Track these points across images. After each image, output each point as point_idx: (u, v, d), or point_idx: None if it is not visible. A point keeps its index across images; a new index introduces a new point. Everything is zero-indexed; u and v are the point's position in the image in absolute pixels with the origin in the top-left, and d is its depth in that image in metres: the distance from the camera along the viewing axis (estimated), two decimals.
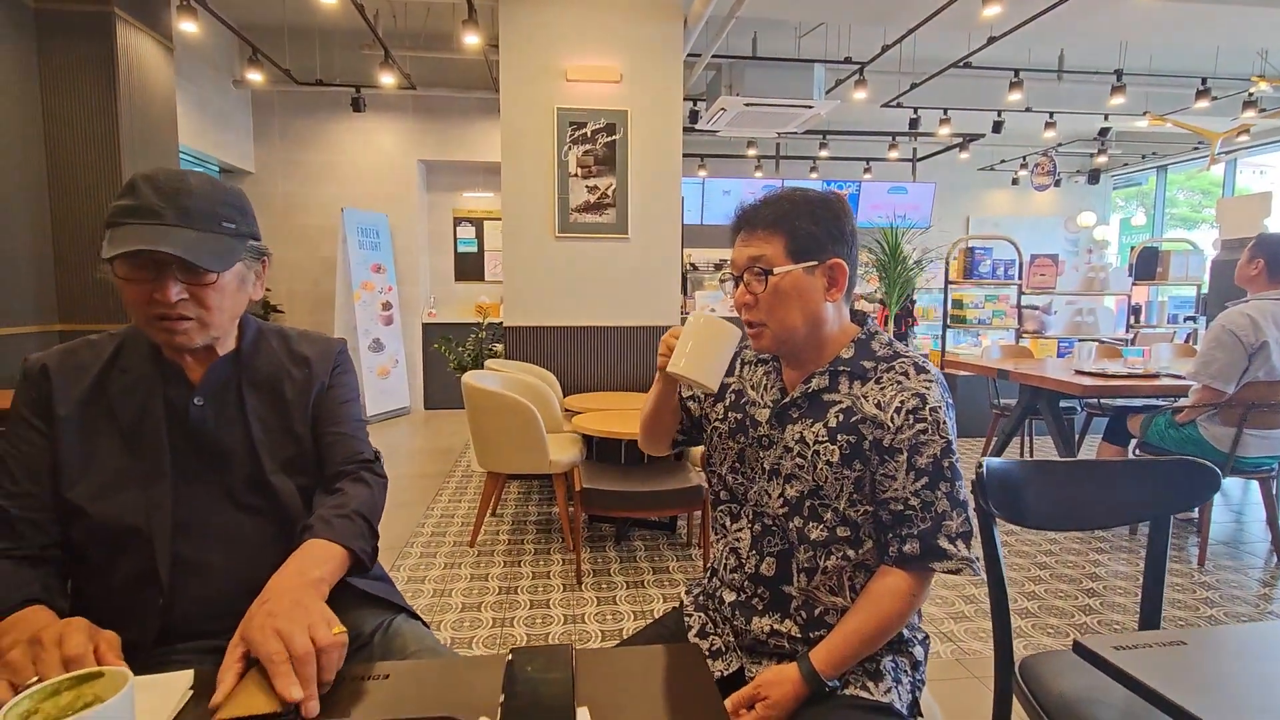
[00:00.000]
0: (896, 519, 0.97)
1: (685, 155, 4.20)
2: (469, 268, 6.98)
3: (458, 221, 6.93)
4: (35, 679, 0.64)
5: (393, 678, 0.78)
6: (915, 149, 8.24)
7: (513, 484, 4.03)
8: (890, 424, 0.96)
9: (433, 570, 2.82)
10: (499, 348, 4.98)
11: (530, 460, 2.92)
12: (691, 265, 6.99)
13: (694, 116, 6.16)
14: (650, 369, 4.12)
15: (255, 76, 5.28)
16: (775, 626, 1.03)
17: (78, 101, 3.59)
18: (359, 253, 6.01)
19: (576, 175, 3.96)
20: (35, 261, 3.51)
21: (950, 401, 1.01)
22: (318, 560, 0.87)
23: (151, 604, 0.89)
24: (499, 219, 6.33)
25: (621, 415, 3.14)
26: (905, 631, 1.04)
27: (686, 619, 1.15)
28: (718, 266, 7.00)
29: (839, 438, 0.99)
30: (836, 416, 1.00)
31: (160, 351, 0.95)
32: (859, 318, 1.11)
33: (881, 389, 0.99)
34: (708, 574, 1.19)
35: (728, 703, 0.91)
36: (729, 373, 1.22)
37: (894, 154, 7.35)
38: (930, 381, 0.98)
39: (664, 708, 0.74)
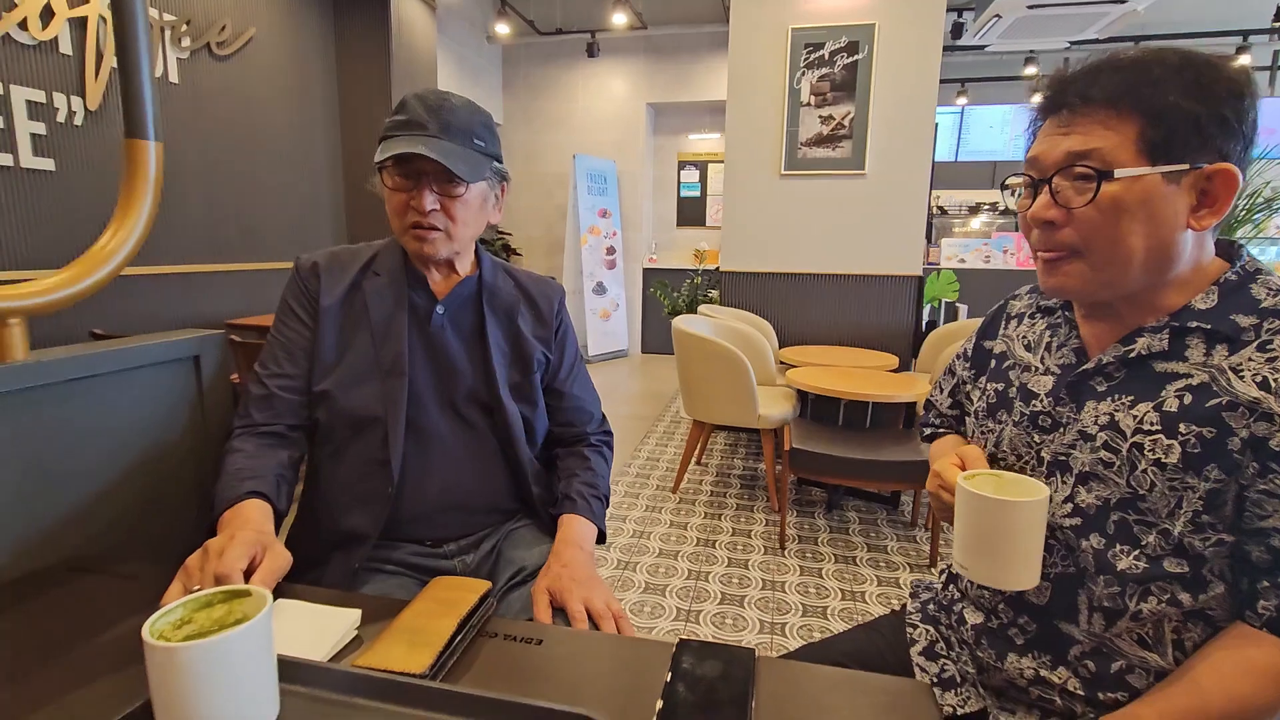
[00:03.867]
0: (1278, 561, 0.62)
1: (941, 81, 3.54)
2: (691, 212, 6.90)
3: (682, 165, 6.84)
4: (198, 587, 0.63)
5: (545, 644, 0.66)
6: (1279, 52, 6.20)
7: (719, 435, 3.92)
8: None
9: (634, 511, 2.82)
10: (714, 294, 4.84)
11: (737, 412, 2.74)
12: (939, 209, 6.12)
13: (957, 30, 5.25)
14: (886, 324, 3.67)
15: (503, 29, 5.61)
16: (1042, 673, 0.73)
17: (361, 63, 4.08)
18: (587, 198, 6.22)
19: (809, 104, 3.57)
20: (331, 202, 4.13)
21: None
22: (587, 537, 0.99)
23: (382, 491, 0.94)
24: (722, 160, 6.11)
25: (843, 373, 2.81)
26: None
27: (910, 630, 0.90)
28: (973, 210, 6.04)
29: (1183, 428, 0.65)
30: (1180, 397, 0.66)
31: (409, 262, 1.01)
32: (1226, 249, 0.72)
33: (1271, 360, 0.63)
34: (942, 577, 0.92)
35: None
36: (988, 334, 0.90)
37: (1244, 59, 5.59)
38: None
39: None
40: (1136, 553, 0.67)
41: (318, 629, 0.65)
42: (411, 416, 0.96)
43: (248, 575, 0.66)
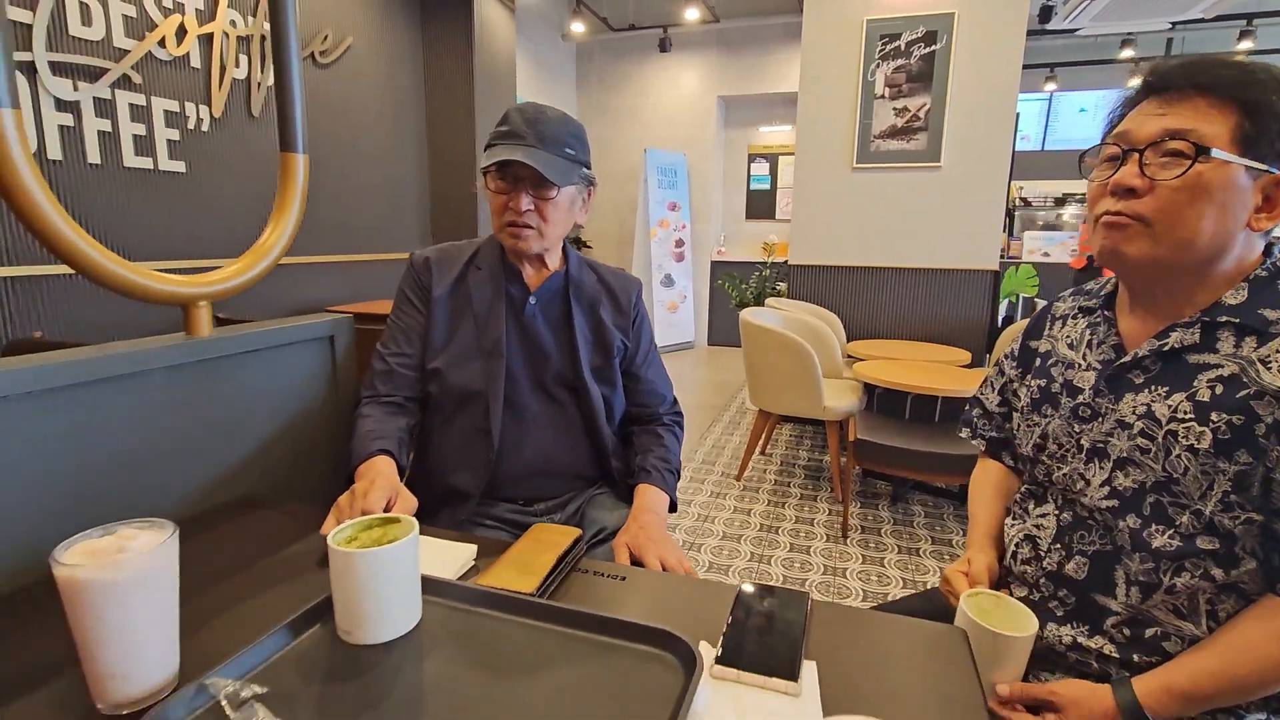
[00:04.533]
0: None
1: (1025, 66, 3.44)
2: (760, 205, 6.89)
3: (752, 158, 6.84)
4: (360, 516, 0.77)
5: (628, 581, 0.78)
6: None
7: (785, 426, 3.96)
8: None
9: (699, 496, 2.92)
10: (782, 286, 4.86)
11: (803, 402, 2.79)
12: (1022, 200, 5.90)
13: (1045, 14, 5.04)
14: (958, 319, 3.61)
15: (578, 27, 5.76)
16: (1080, 640, 0.79)
17: (446, 66, 4.31)
18: (657, 192, 6.32)
19: (883, 96, 3.54)
20: (418, 198, 4.40)
21: None
22: (661, 504, 1.09)
23: (484, 456, 1.09)
24: (792, 153, 6.07)
25: (911, 366, 2.81)
26: None
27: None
28: (1060, 202, 5.79)
29: (1214, 416, 0.70)
30: (1211, 387, 0.71)
31: (505, 257, 1.14)
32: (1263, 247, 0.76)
33: None
34: None
35: (1002, 688, 0.74)
36: (1033, 335, 0.96)
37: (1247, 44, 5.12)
38: None
39: (910, 688, 0.61)
40: (1171, 532, 0.72)
41: (445, 558, 0.79)
42: (508, 393, 1.10)
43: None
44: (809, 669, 0.61)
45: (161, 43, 2.73)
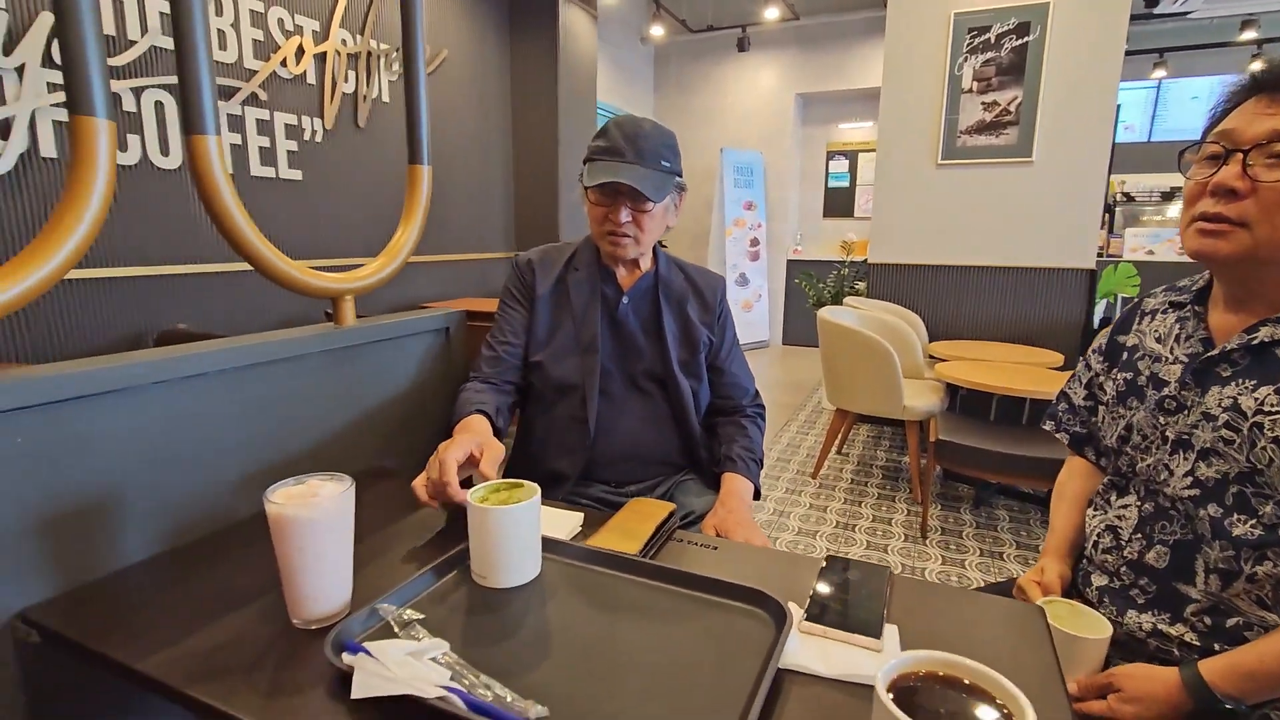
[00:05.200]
0: None
1: (1129, 53, 3.26)
2: (838, 203, 6.79)
3: (831, 155, 6.75)
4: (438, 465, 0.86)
5: (720, 550, 0.85)
6: None
7: (862, 426, 3.92)
8: None
9: (774, 491, 2.95)
10: (861, 285, 4.79)
11: (882, 402, 2.78)
12: (1123, 195, 5.57)
13: None
14: (1050, 319, 3.48)
15: (657, 30, 5.86)
16: (1161, 627, 0.81)
17: (531, 72, 4.51)
18: (733, 191, 6.34)
19: (971, 91, 3.45)
20: (502, 201, 4.62)
21: None
22: (746, 492, 1.17)
23: (581, 444, 1.18)
24: (873, 150, 5.96)
25: (997, 368, 2.74)
26: None
27: None
28: (1167, 196, 5.43)
29: None
30: None
31: (601, 259, 1.22)
32: None
33: None
34: None
35: (1072, 684, 0.76)
36: (1122, 330, 0.96)
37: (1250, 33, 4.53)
38: None
39: (986, 655, 0.65)
40: (1253, 521, 0.74)
41: (556, 523, 0.89)
42: (603, 386, 1.19)
43: (472, 465, 0.88)
44: (891, 631, 0.66)
45: (283, 62, 3.01)
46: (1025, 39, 3.31)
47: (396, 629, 0.63)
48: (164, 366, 0.80)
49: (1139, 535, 0.85)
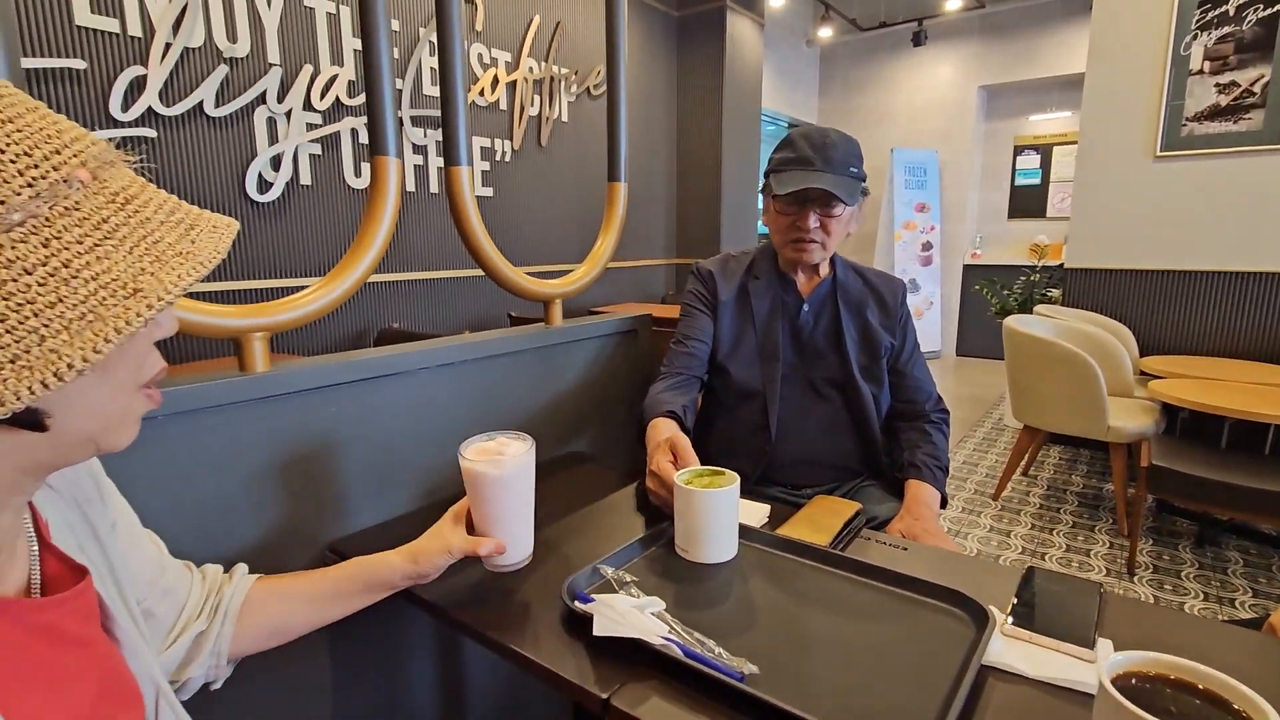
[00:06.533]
0: None
1: None
2: (1027, 202, 6.19)
3: (1019, 150, 6.18)
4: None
5: (910, 551, 0.86)
6: None
7: (1053, 447, 3.56)
8: None
9: (949, 511, 2.78)
10: (1055, 293, 4.36)
11: (1081, 421, 2.52)
12: None
13: None
14: None
15: (825, 32, 5.75)
16: None
17: (696, 84, 4.63)
18: (904, 193, 6.03)
19: (1201, 72, 3.01)
20: (665, 210, 4.78)
21: None
22: (934, 499, 1.15)
23: (762, 446, 1.22)
24: (1072, 142, 5.38)
25: (1231, 388, 2.37)
26: None
27: None
28: None
29: None
30: None
31: (780, 267, 1.26)
32: None
33: None
34: None
35: None
36: None
37: None
38: None
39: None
40: None
41: (747, 512, 0.94)
42: (783, 392, 1.23)
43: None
44: (1105, 644, 0.64)
45: (480, 92, 3.38)
46: (1275, 7, 2.84)
47: (616, 587, 0.72)
48: (426, 356, 0.98)
49: None
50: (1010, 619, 0.67)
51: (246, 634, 0.64)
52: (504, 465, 0.70)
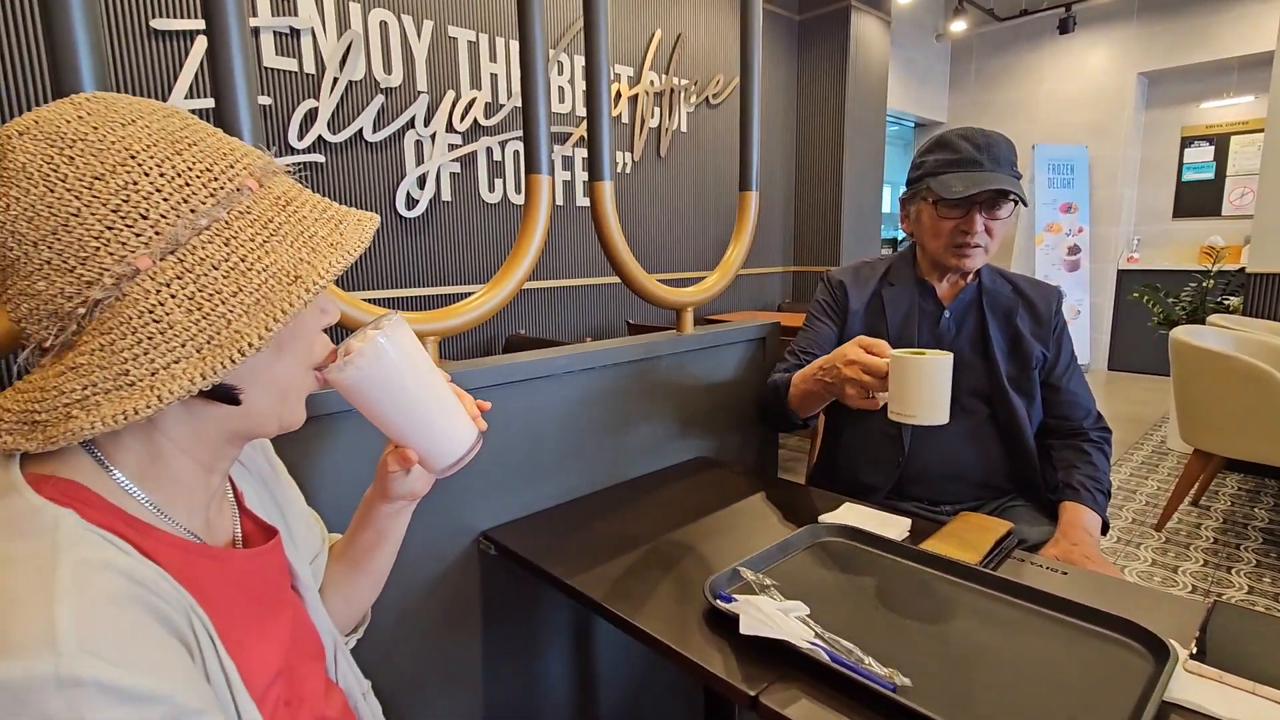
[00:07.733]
0: None
1: None
2: (1197, 200, 5.51)
3: (1187, 142, 5.52)
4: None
5: (1070, 576, 0.81)
6: None
7: (1230, 475, 3.14)
8: None
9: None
10: (1234, 301, 3.87)
11: (1269, 446, 2.21)
12: None
13: None
14: None
15: (958, 25, 5.44)
16: None
17: (817, 87, 4.53)
18: (1047, 192, 5.57)
19: None
20: (783, 217, 4.71)
21: None
22: (1094, 524, 1.08)
23: (893, 459, 1.18)
24: (1256, 131, 4.76)
25: None
26: None
27: None
28: None
29: None
30: None
31: (919, 273, 1.22)
32: None
33: None
34: None
35: None
36: None
37: None
38: None
39: None
40: None
41: (886, 526, 0.92)
42: None
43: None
44: None
45: None
46: None
47: (756, 589, 0.73)
48: (574, 360, 1.05)
49: None
50: (1194, 653, 0.61)
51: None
52: (347, 371, 0.50)
